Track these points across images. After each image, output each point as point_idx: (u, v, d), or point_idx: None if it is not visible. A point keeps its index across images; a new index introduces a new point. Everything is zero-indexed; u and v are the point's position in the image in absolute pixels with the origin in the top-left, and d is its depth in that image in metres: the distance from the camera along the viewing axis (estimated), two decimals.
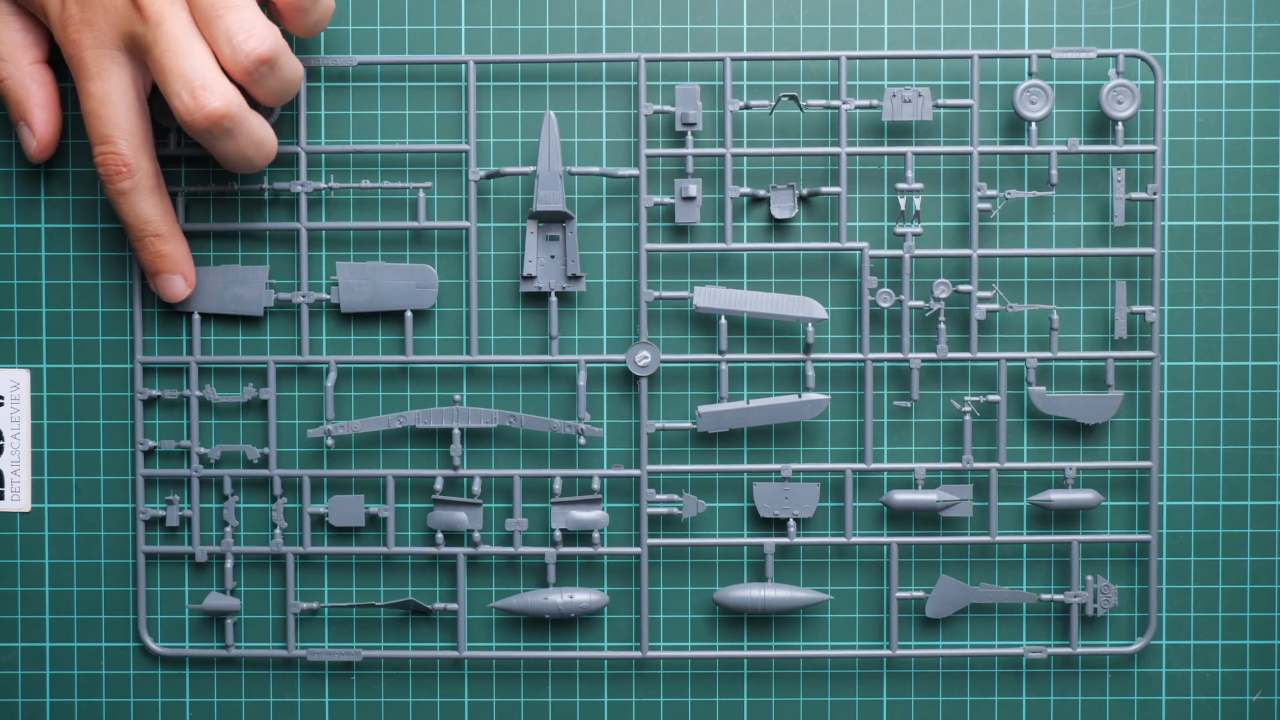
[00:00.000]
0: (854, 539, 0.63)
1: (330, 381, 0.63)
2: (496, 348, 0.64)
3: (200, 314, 0.64)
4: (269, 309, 0.64)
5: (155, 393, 0.64)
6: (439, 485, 0.63)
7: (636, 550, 0.63)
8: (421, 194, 0.63)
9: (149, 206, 0.60)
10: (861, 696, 0.64)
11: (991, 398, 0.63)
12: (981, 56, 0.62)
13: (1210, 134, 0.64)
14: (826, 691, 0.64)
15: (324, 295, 0.63)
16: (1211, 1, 0.64)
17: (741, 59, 0.63)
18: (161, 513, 0.64)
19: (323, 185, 0.63)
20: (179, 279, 0.62)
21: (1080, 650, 0.63)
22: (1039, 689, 0.64)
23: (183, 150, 0.63)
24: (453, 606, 0.64)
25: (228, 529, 0.64)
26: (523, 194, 0.64)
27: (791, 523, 0.63)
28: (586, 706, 0.65)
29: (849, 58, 0.62)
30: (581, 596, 0.63)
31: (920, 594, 0.63)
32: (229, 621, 0.64)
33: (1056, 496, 0.62)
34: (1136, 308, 0.62)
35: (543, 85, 0.64)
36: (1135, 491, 0.64)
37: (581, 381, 0.63)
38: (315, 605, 0.64)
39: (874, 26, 0.63)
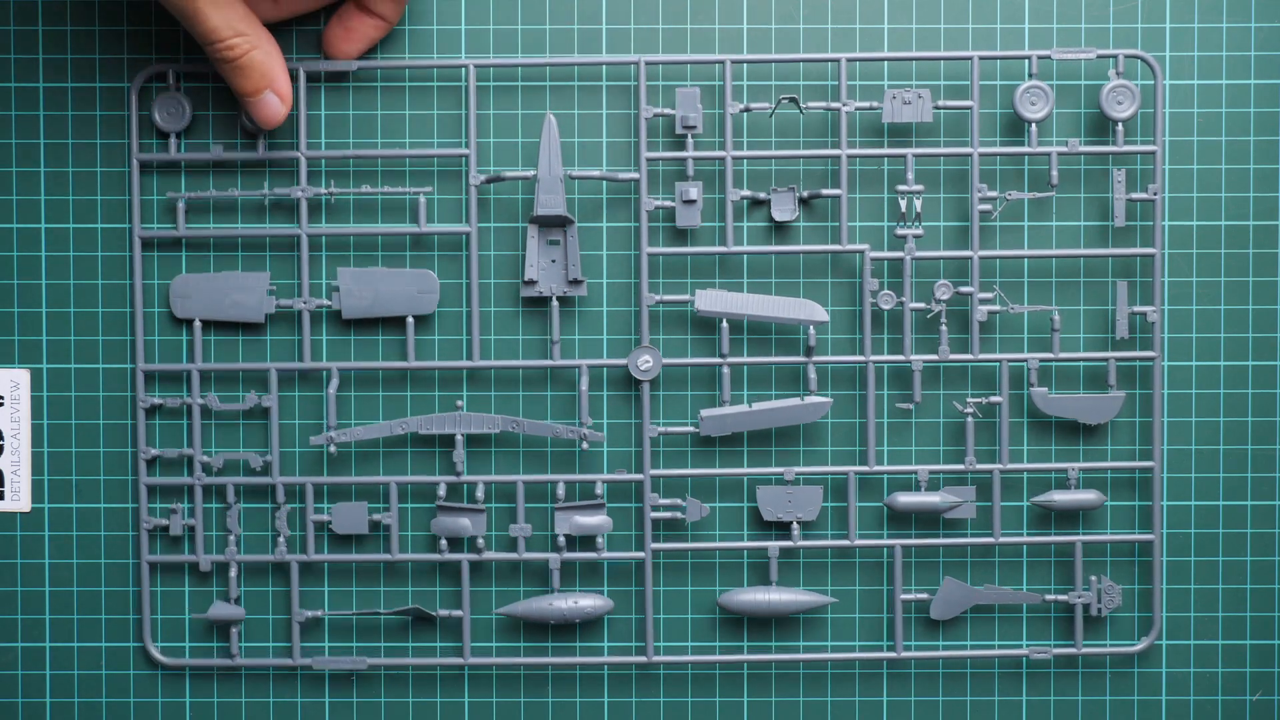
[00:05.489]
0: (858, 541, 0.63)
1: (332, 388, 0.63)
2: (498, 352, 0.64)
3: (201, 321, 0.64)
4: (270, 316, 0.64)
5: (157, 400, 0.64)
6: (442, 491, 0.63)
7: (641, 555, 0.63)
8: (422, 198, 0.63)
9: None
10: (864, 698, 0.64)
11: (993, 399, 0.63)
12: (981, 58, 0.62)
13: (1210, 134, 0.64)
14: (827, 692, 0.64)
15: (325, 301, 0.63)
16: (1211, 1, 0.63)
17: (741, 61, 0.63)
18: (164, 522, 0.64)
19: (323, 191, 0.63)
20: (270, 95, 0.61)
21: (1084, 650, 0.63)
22: (1043, 690, 0.64)
23: (183, 155, 0.63)
24: (457, 613, 0.64)
25: (231, 537, 0.64)
26: (523, 195, 0.64)
27: (795, 525, 0.63)
28: (588, 708, 0.65)
29: (849, 59, 0.62)
30: (586, 602, 0.63)
31: (924, 595, 0.63)
32: (233, 630, 0.64)
33: (1060, 497, 0.62)
34: (1138, 308, 0.62)
35: (543, 85, 0.64)
36: (1135, 491, 0.64)
37: (583, 386, 0.63)
38: (320, 613, 0.64)
39: (874, 27, 0.63)
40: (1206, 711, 0.64)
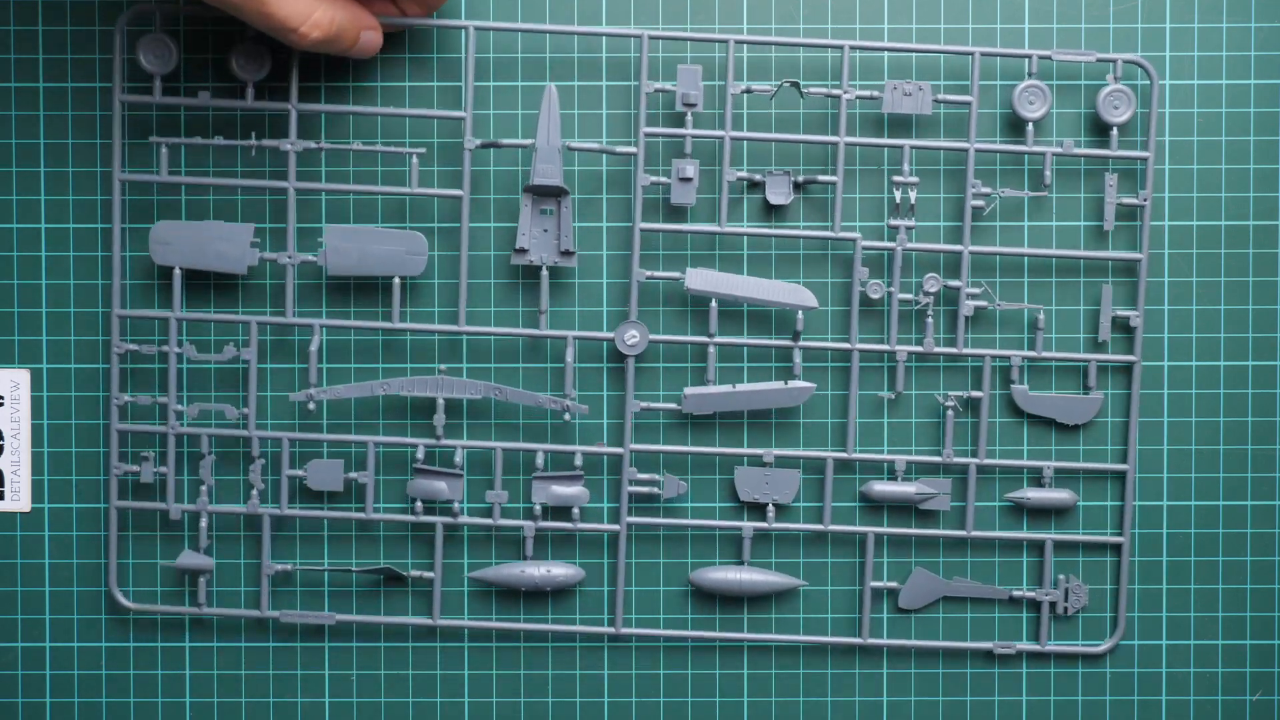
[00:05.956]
0: (831, 527, 0.64)
1: (314, 345, 0.62)
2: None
3: (182, 270, 0.62)
4: (256, 274, 0.63)
5: (132, 346, 0.63)
6: (420, 454, 0.63)
7: (615, 527, 0.63)
8: (415, 159, 0.62)
9: None
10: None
11: (974, 394, 0.63)
12: (983, 54, 0.62)
13: (1210, 134, 0.64)
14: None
15: (310, 256, 0.62)
16: (1212, 1, 0.64)
17: (744, 41, 0.62)
18: (135, 469, 0.63)
19: (313, 145, 0.62)
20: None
21: (1048, 648, 0.64)
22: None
23: (168, 100, 0.62)
24: (429, 574, 0.63)
25: (203, 488, 0.63)
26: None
27: (770, 508, 0.63)
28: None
29: (852, 47, 0.62)
30: (559, 570, 0.63)
31: (894, 585, 0.64)
32: (201, 580, 0.63)
33: (1033, 495, 0.63)
34: (1121, 311, 0.63)
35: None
36: (1125, 491, 0.64)
37: (569, 358, 0.62)
38: (290, 566, 0.64)
39: (874, 26, 0.64)
40: (1207, 711, 0.64)
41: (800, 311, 0.62)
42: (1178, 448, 0.64)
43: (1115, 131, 0.62)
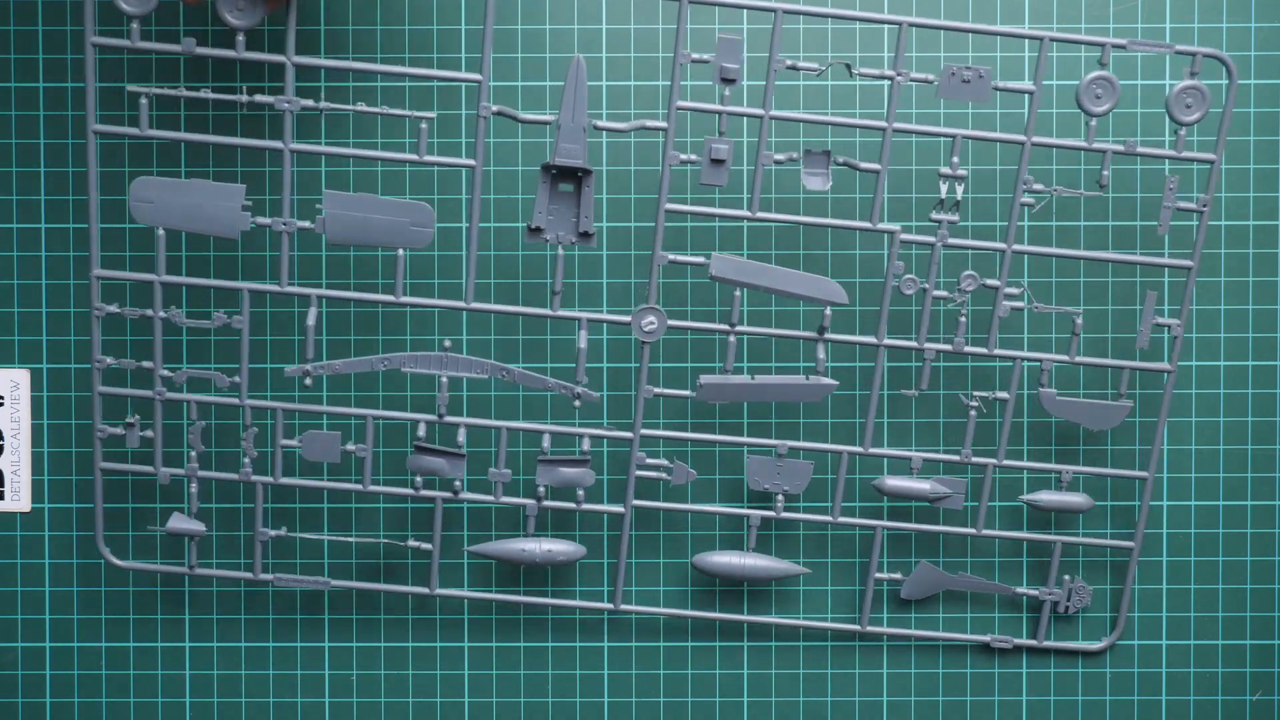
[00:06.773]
0: (841, 519, 0.62)
1: (312, 319, 0.58)
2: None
3: (167, 231, 0.57)
4: (256, 237, 0.58)
5: (112, 308, 0.58)
6: (421, 431, 0.60)
7: (619, 509, 0.62)
8: (424, 125, 0.56)
9: None
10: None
11: (1000, 395, 0.61)
12: (1052, 39, 0.57)
13: (1210, 134, 0.61)
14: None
15: (307, 224, 0.58)
16: (1211, 2, 0.61)
17: (794, 11, 0.56)
18: (120, 431, 0.60)
19: (313, 105, 0.56)
20: None
21: (1045, 645, 0.64)
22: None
23: (149, 45, 0.55)
24: (427, 546, 0.62)
25: (192, 454, 0.60)
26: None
27: (780, 497, 0.61)
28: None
29: (909, 24, 0.56)
30: (558, 547, 0.62)
31: (897, 575, 0.63)
32: (192, 544, 0.61)
33: (1046, 497, 0.62)
34: (1163, 320, 0.60)
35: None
36: (1132, 493, 0.64)
37: (582, 344, 0.59)
38: (283, 531, 0.62)
39: (876, 29, 0.60)
40: (1206, 712, 0.65)
41: (828, 307, 0.59)
42: (1178, 448, 0.63)
43: (1183, 131, 0.58)
